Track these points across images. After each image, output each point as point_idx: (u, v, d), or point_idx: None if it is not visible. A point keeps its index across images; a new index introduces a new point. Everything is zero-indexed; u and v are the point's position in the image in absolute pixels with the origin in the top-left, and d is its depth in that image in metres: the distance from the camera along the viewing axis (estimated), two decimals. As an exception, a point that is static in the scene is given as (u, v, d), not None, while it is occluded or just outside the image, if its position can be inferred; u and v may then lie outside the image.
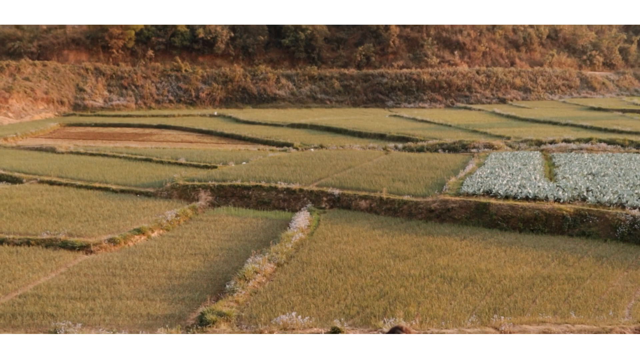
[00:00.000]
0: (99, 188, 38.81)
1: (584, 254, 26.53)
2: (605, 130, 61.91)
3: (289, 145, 58.24)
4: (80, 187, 39.10)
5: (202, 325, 18.60)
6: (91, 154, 51.92)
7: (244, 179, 38.78)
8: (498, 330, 17.86)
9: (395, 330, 4.99)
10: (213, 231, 30.97)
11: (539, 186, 34.17)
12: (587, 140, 52.97)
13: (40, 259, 25.65)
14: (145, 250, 27.40)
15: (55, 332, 18.32)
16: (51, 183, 40.09)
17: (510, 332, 17.71)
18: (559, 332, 17.95)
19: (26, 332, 18.99)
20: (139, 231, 29.79)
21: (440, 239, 28.42)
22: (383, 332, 5.15)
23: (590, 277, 23.42)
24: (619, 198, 31.61)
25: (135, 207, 34.49)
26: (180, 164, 46.55)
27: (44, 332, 18.82)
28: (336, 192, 36.14)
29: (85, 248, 27.33)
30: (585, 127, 65.02)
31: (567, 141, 53.05)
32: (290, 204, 36.31)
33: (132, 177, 41.37)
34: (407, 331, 4.96)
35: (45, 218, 31.45)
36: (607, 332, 17.94)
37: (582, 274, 23.63)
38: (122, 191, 38.32)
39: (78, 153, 52.78)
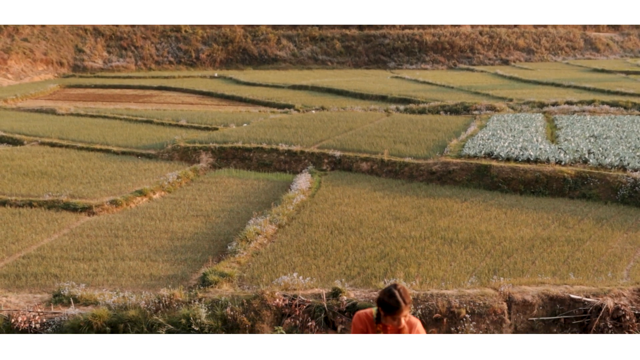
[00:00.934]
0: (100, 150, 38.80)
1: (584, 216, 26.62)
2: (609, 92, 61.47)
3: (290, 107, 57.94)
4: (81, 148, 39.09)
5: (205, 285, 18.79)
6: (92, 116, 51.74)
7: (245, 140, 38.70)
8: (497, 291, 18.03)
9: (390, 289, 5.01)
10: (214, 193, 31.05)
11: (540, 148, 34.10)
12: (590, 103, 52.67)
13: (43, 221, 25.79)
14: (147, 211, 27.52)
15: (60, 293, 18.54)
16: (52, 145, 40.05)
17: (509, 293, 17.89)
18: (557, 293, 18.13)
19: (30, 293, 19.21)
20: (141, 193, 29.88)
21: (441, 201, 28.50)
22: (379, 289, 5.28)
23: (590, 239, 23.54)
24: (621, 160, 31.58)
25: (137, 168, 34.52)
26: (181, 126, 46.42)
27: (48, 292, 19.05)
28: (337, 154, 36.11)
29: (87, 209, 27.45)
30: (588, 89, 64.56)
31: (569, 103, 52.75)
32: (292, 166, 36.32)
33: (133, 139, 41.30)
34: (401, 288, 4.97)
35: (47, 180, 31.51)
36: (605, 293, 18.12)
37: (581, 236, 23.76)
38: (123, 153, 38.31)
39: (78, 115, 52.59)
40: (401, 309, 4.78)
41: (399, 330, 4.82)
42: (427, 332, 4.96)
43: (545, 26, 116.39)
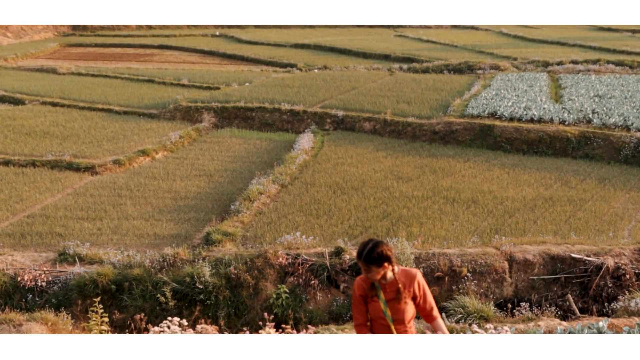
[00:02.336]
0: (102, 109, 38.67)
1: (587, 176, 26.61)
2: (614, 51, 60.78)
3: (292, 66, 57.47)
4: (83, 108, 38.95)
5: (208, 244, 18.93)
6: (93, 75, 51.40)
7: (247, 100, 38.51)
8: (499, 250, 18.15)
9: (367, 241, 4.92)
10: (217, 152, 31.04)
11: (544, 108, 33.90)
12: (595, 62, 52.14)
13: (47, 180, 25.87)
14: (150, 171, 27.57)
15: (65, 252, 18.70)
16: (54, 104, 39.90)
17: (511, 252, 18.01)
18: (558, 253, 18.25)
19: (36, 252, 19.39)
20: (144, 152, 29.90)
21: (444, 161, 28.48)
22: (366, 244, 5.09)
23: (592, 198, 23.58)
24: (625, 120, 31.41)
25: (139, 128, 34.45)
26: (183, 85, 46.14)
27: (53, 251, 19.22)
28: (340, 113, 35.96)
29: (90, 169, 27.51)
30: (594, 48, 63.81)
31: (574, 62, 52.23)
32: (294, 126, 36.21)
33: (134, 99, 41.11)
34: (378, 245, 4.84)
35: (50, 139, 31.49)
36: (606, 253, 18.23)
37: (584, 196, 23.79)
38: (125, 112, 38.19)
39: (79, 74, 52.25)
40: (359, 259, 4.85)
41: (394, 289, 4.72)
42: (430, 288, 4.90)
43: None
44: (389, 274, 4.78)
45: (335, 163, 28.07)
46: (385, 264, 4.69)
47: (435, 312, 4.85)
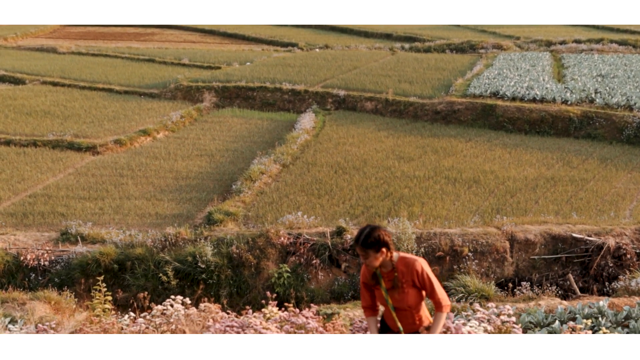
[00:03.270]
0: (103, 89, 38.54)
1: (589, 155, 26.57)
2: (618, 30, 60.32)
3: (293, 45, 57.13)
4: (83, 88, 38.82)
5: (210, 224, 18.97)
6: (93, 55, 51.16)
7: (248, 79, 38.35)
8: (500, 229, 18.18)
9: (372, 229, 4.73)
10: (218, 132, 30.99)
11: (546, 88, 33.75)
12: (598, 41, 51.76)
13: (48, 160, 25.87)
14: (151, 151, 27.55)
15: (67, 231, 18.76)
16: (54, 84, 39.76)
17: (512, 232, 18.04)
18: (559, 232, 18.27)
19: (38, 231, 19.44)
20: (145, 132, 29.85)
21: (446, 141, 28.42)
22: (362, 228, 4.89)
23: (593, 178, 23.57)
24: (627, 100, 31.28)
25: (140, 108, 34.37)
26: (184, 65, 45.93)
27: (56, 231, 19.27)
28: (341, 93, 35.82)
29: (91, 149, 27.50)
30: (597, 27, 63.34)
31: (577, 42, 51.87)
32: (295, 105, 36.10)
33: (135, 78, 40.95)
34: (374, 230, 4.67)
35: (51, 119, 31.43)
36: (607, 232, 18.26)
37: (585, 176, 23.77)
38: (126, 92, 38.06)
39: (80, 53, 51.99)
40: (355, 244, 4.77)
41: (391, 278, 4.63)
42: (431, 267, 4.77)
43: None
44: (387, 262, 4.66)
45: (337, 143, 28.03)
46: (383, 249, 4.54)
47: (443, 303, 4.61)
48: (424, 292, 4.60)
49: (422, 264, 4.61)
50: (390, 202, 20.86)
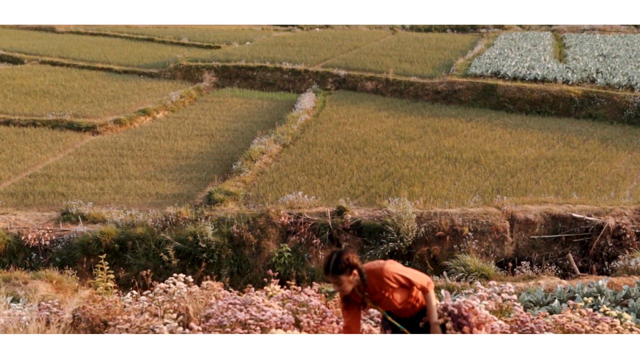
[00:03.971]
0: (102, 69, 38.35)
1: (590, 136, 26.53)
2: (620, 9, 59.91)
3: (293, 24, 56.79)
4: (82, 67, 38.62)
5: (210, 204, 18.99)
6: (92, 34, 50.84)
7: (248, 59, 38.15)
8: (500, 209, 18.20)
9: (333, 252, 4.52)
10: (218, 112, 30.90)
11: (548, 67, 33.59)
12: (600, 20, 51.44)
13: (48, 140, 25.81)
14: (151, 131, 27.49)
15: (68, 211, 18.77)
16: (53, 64, 39.55)
17: (512, 212, 18.07)
18: (559, 212, 18.30)
19: (39, 211, 19.46)
20: (144, 112, 29.76)
21: (446, 121, 28.35)
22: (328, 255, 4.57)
23: (594, 159, 23.55)
24: (629, 80, 31.16)
25: (139, 88, 34.23)
26: (183, 44, 45.66)
27: (56, 211, 19.29)
28: (342, 73, 35.67)
29: (91, 129, 27.43)
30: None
31: (579, 21, 51.53)
32: (295, 85, 35.96)
33: (134, 58, 40.73)
34: (342, 256, 4.47)
35: (50, 99, 31.31)
36: (607, 212, 18.29)
37: (586, 156, 23.75)
38: (125, 72, 37.88)
39: (78, 33, 51.67)
40: (326, 273, 4.53)
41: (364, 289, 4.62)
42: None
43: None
44: (359, 281, 4.50)
45: (337, 123, 27.96)
46: (355, 272, 4.45)
47: (425, 286, 4.52)
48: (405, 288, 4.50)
49: (388, 268, 4.48)
50: (390, 182, 20.86)
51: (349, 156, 23.36)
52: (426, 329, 4.51)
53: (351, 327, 4.54)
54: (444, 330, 4.40)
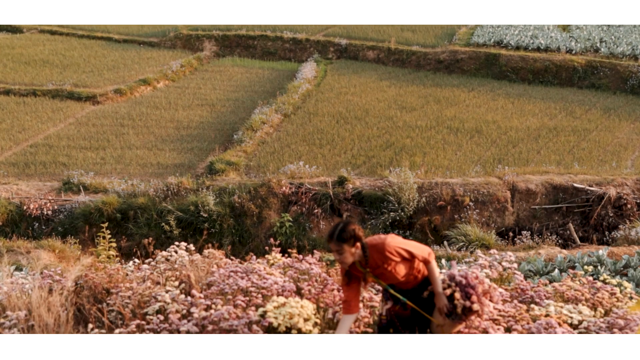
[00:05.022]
0: (101, 38, 38.03)
1: (592, 106, 26.39)
2: (625, -23, 59.15)
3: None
4: (82, 36, 38.30)
5: (212, 174, 19.00)
6: (91, 2, 50.34)
7: (249, 28, 37.80)
8: (501, 179, 18.20)
9: (346, 224, 4.48)
10: (219, 82, 30.73)
11: (551, 37, 33.27)
12: (605, -12, 50.82)
13: (48, 110, 25.73)
14: (152, 100, 27.38)
15: (69, 181, 18.80)
16: (52, 32, 39.22)
17: (513, 182, 18.07)
18: (561, 182, 18.29)
19: (40, 181, 19.49)
20: (145, 82, 29.60)
21: (448, 90, 28.19)
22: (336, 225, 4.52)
23: (596, 129, 23.46)
24: (633, 49, 30.88)
25: (139, 57, 33.98)
26: (183, 13, 45.21)
27: (58, 180, 19.31)
28: (343, 42, 35.36)
29: (91, 99, 27.32)
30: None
31: (584, -11, 50.92)
32: (297, 54, 35.69)
33: (134, 27, 40.36)
34: (348, 225, 4.45)
35: (50, 68, 31.12)
36: (608, 183, 18.29)
37: (588, 126, 23.66)
38: (125, 41, 37.57)
39: (77, 1, 51.15)
40: (330, 240, 4.49)
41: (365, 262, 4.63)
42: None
43: None
44: (360, 255, 4.48)
45: (339, 92, 27.81)
46: (358, 244, 4.44)
47: (427, 257, 4.52)
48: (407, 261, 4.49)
49: (390, 242, 4.46)
50: (392, 152, 20.83)
51: (350, 126, 23.28)
52: (430, 299, 4.51)
53: (350, 302, 4.56)
54: (451, 300, 4.39)
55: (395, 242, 4.45)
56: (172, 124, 24.50)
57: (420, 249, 4.50)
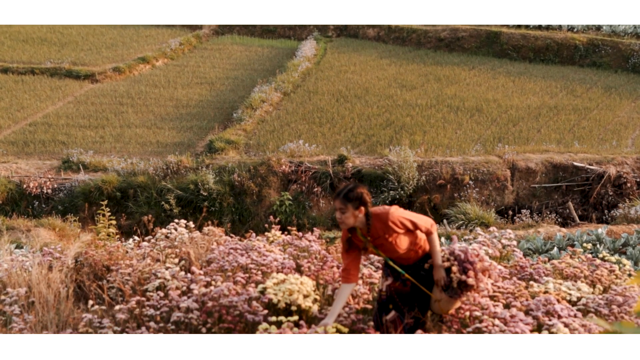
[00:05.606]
0: (100, 15, 37.75)
1: (593, 84, 26.28)
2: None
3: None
4: (80, 14, 38.02)
5: (211, 152, 18.97)
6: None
7: (248, 6, 37.51)
8: (501, 158, 18.18)
9: (356, 186, 4.47)
10: (218, 60, 30.56)
11: (553, 14, 33.04)
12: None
13: (47, 88, 25.62)
14: (151, 79, 27.26)
15: (69, 160, 18.78)
16: (50, 10, 38.91)
17: (513, 160, 18.05)
18: (561, 161, 18.28)
19: (40, 159, 19.47)
20: (143, 60, 29.43)
21: (449, 69, 28.05)
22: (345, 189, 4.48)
23: (597, 107, 23.39)
24: (635, 27, 30.67)
25: (138, 35, 33.77)
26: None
27: (57, 159, 19.28)
28: (343, 20, 35.13)
29: (90, 77, 27.19)
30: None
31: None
32: (296, 32, 35.46)
33: (132, 4, 40.07)
34: (357, 188, 4.42)
35: (48, 46, 30.93)
36: (608, 161, 18.27)
37: (589, 105, 23.58)
38: (123, 19, 37.31)
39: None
40: (336, 197, 4.47)
41: (366, 231, 4.51)
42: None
43: None
44: (363, 222, 4.45)
45: (339, 71, 27.68)
46: (362, 208, 4.41)
47: (429, 228, 4.51)
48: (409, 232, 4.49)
49: (394, 212, 4.43)
50: (392, 130, 20.78)
51: (350, 104, 23.21)
52: (429, 276, 4.50)
53: (350, 271, 4.54)
54: (448, 273, 4.40)
55: (398, 212, 4.44)
56: (171, 102, 24.42)
57: (423, 220, 4.50)
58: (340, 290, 4.51)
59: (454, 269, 4.43)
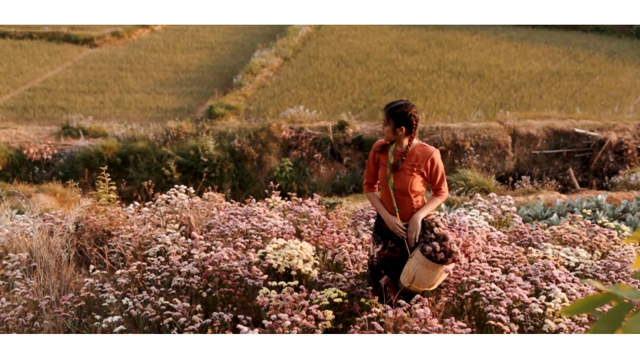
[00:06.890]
0: (97, -21, 37.27)
1: (596, 50, 26.04)
2: None
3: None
4: (77, -23, 37.54)
5: (211, 118, 18.91)
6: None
7: (248, -31, 37.01)
8: (502, 124, 18.12)
9: (407, 104, 4.58)
10: (217, 24, 30.26)
11: (557, -22, 32.59)
12: None
13: (45, 53, 25.41)
14: (150, 43, 27.02)
15: (68, 125, 18.72)
16: (47, -27, 38.41)
17: (514, 127, 18.00)
18: (562, 127, 18.23)
19: (39, 125, 19.41)
20: (142, 24, 29.13)
21: (450, 34, 27.77)
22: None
23: (599, 73, 23.22)
24: (640, -9, 30.29)
25: (137, -1, 33.38)
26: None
27: (57, 125, 19.22)
28: (344, -17, 34.68)
29: (88, 42, 26.94)
30: None
31: None
32: (297, -3, 35.06)
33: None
34: (409, 105, 4.55)
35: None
36: (609, 128, 18.22)
37: (591, 70, 23.41)
38: (122, -18, 36.84)
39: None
40: (385, 108, 4.65)
41: (400, 156, 4.54)
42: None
43: None
44: (403, 143, 4.54)
45: (339, 35, 27.41)
46: (403, 127, 4.47)
47: (443, 191, 4.59)
48: (427, 184, 4.57)
49: (437, 156, 4.54)
50: (393, 96, 20.67)
51: (351, 70, 23.04)
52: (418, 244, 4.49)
53: (372, 184, 4.78)
54: (425, 230, 4.43)
55: (440, 159, 4.61)
56: (171, 67, 24.24)
57: (445, 184, 4.63)
58: (371, 198, 4.74)
59: (441, 224, 4.47)
